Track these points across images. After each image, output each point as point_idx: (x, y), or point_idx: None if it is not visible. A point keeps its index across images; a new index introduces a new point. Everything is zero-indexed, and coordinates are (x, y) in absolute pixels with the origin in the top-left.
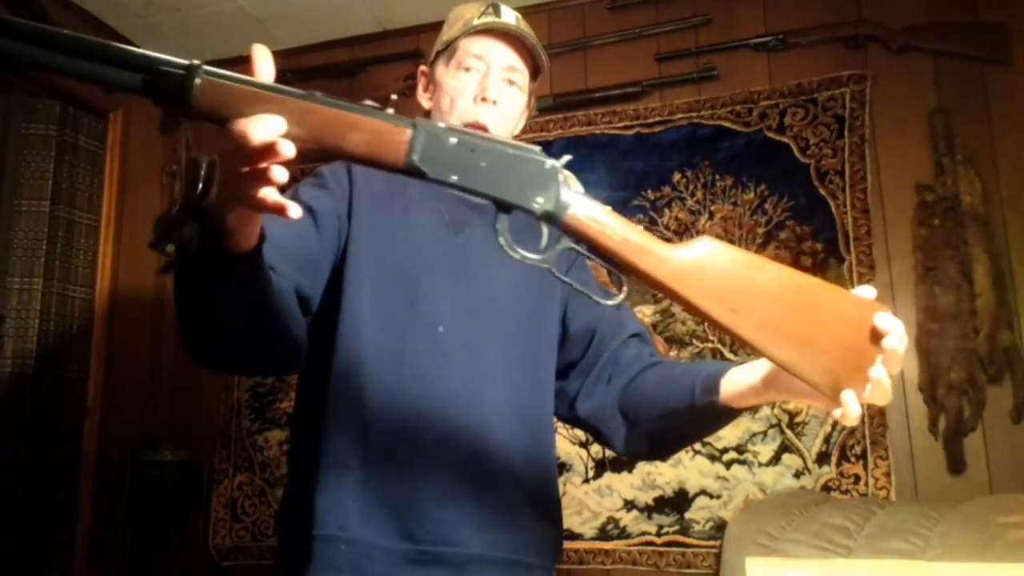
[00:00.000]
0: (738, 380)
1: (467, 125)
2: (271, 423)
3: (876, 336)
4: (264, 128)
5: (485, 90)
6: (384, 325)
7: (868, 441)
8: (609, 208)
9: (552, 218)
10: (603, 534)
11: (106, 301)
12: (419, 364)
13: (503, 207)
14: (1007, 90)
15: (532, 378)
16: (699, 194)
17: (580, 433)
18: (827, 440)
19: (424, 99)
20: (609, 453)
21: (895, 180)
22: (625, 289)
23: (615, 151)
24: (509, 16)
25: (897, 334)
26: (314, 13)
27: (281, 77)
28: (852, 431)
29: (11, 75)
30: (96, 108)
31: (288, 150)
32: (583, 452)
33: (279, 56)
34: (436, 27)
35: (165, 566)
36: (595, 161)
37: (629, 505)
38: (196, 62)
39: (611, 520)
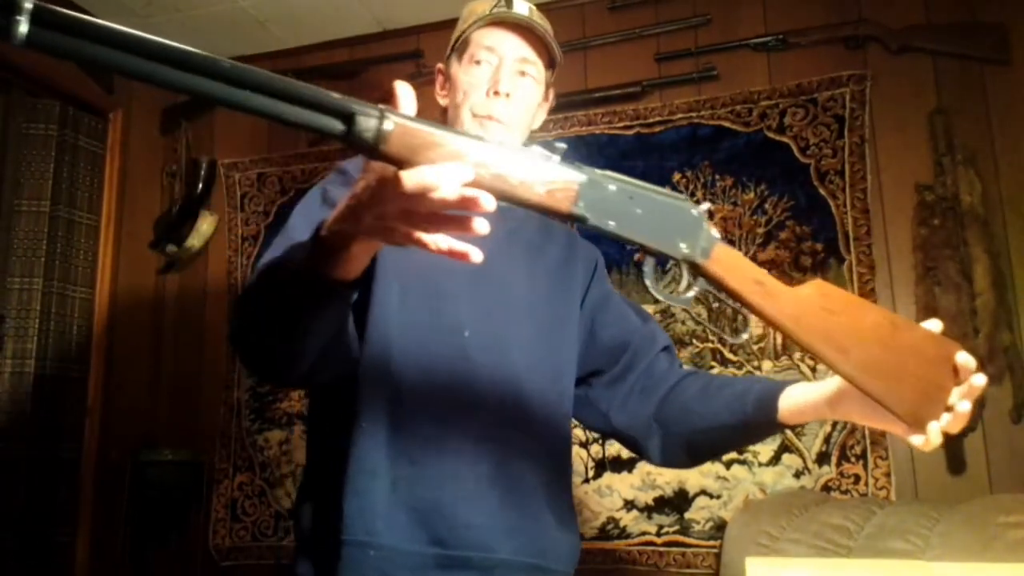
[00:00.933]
0: (796, 398)
1: (480, 118)
2: (271, 423)
3: (956, 372)
4: (456, 178)
5: (497, 83)
6: (410, 330)
7: (868, 441)
8: (740, 253)
9: (694, 262)
10: (603, 534)
11: (106, 301)
12: (445, 370)
13: (652, 252)
14: (1007, 90)
15: (553, 383)
16: (699, 194)
17: (580, 433)
18: (827, 440)
19: (441, 96)
20: (609, 453)
21: (895, 180)
22: (749, 329)
23: (615, 151)
24: (522, 7)
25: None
26: (314, 13)
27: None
28: (852, 431)
29: (10, 74)
30: (96, 108)
31: (489, 204)
32: (583, 452)
33: (279, 56)
34: (436, 27)
35: (165, 566)
36: (595, 161)
37: (629, 505)
38: (383, 106)
39: (611, 520)
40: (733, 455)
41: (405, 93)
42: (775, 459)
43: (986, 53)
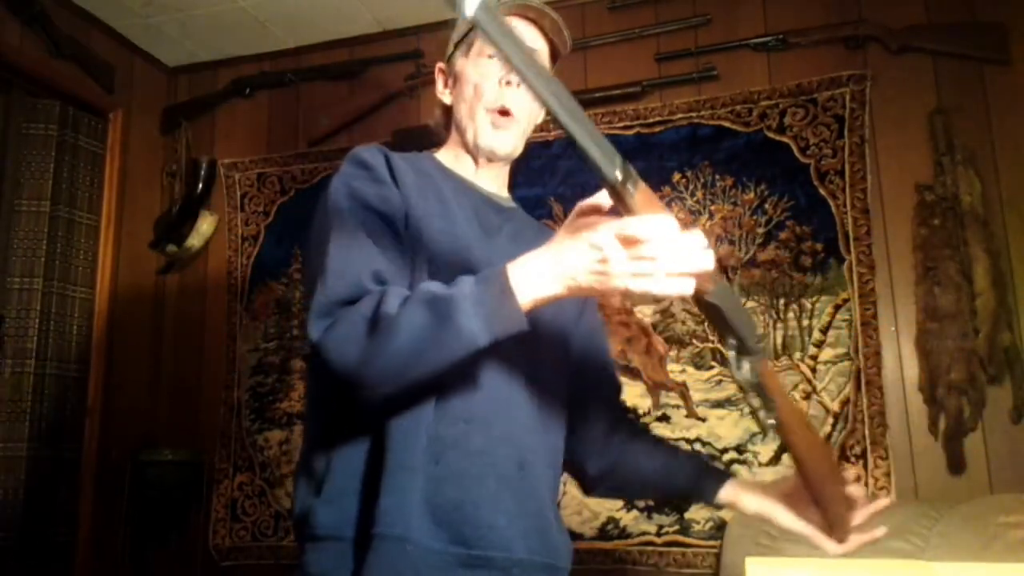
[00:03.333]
0: (733, 495)
1: (492, 112)
2: (271, 423)
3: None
4: (692, 242)
5: (509, 73)
6: None
7: (868, 441)
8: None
9: (753, 360)
10: (603, 534)
11: (106, 301)
12: (472, 371)
13: (742, 345)
14: (1007, 90)
15: (557, 379)
16: (699, 194)
17: None
18: (827, 440)
19: (445, 95)
20: None
21: (895, 180)
22: (772, 424)
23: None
24: None
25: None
26: (314, 13)
27: (281, 78)
28: (852, 431)
29: (12, 75)
30: (96, 108)
31: (709, 263)
32: None
33: (279, 56)
34: (436, 27)
35: (165, 566)
36: None
37: (629, 505)
38: (623, 160)
39: (611, 520)
40: (733, 455)
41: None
42: (775, 459)
43: (986, 53)
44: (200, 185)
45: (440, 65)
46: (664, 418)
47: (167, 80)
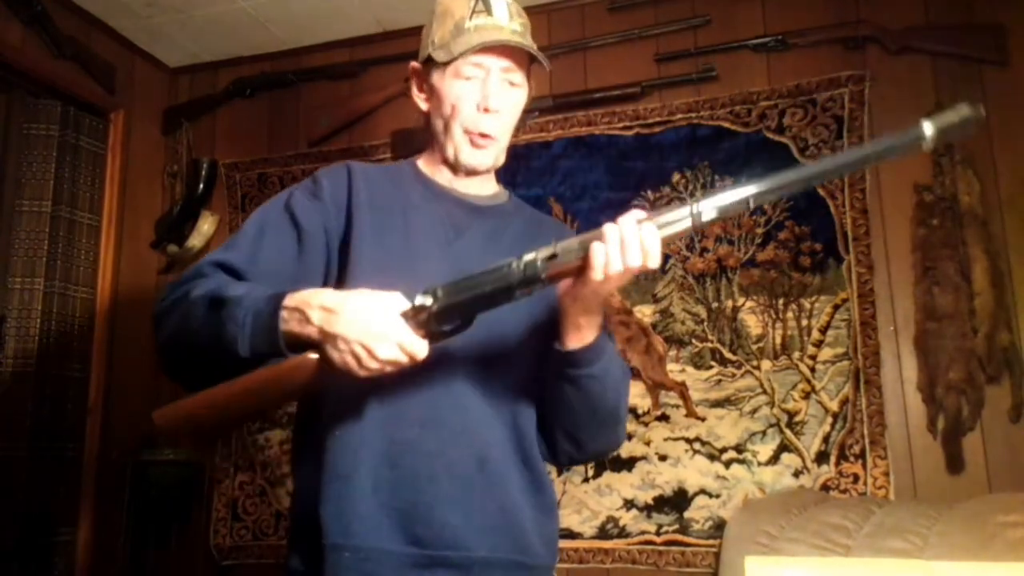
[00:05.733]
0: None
1: (471, 135)
2: (271, 423)
3: None
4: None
5: (487, 99)
6: None
7: (867, 440)
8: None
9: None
10: (603, 533)
11: (107, 301)
12: (423, 372)
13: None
14: (1006, 90)
15: (520, 374)
16: (699, 194)
17: None
18: (826, 439)
19: (420, 99)
20: None
21: (894, 180)
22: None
23: (615, 151)
24: (501, 11)
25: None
26: (315, 14)
27: (282, 79)
28: (851, 430)
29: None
30: (97, 108)
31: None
32: None
33: (279, 57)
34: None
35: (166, 565)
36: (595, 162)
37: (628, 504)
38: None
39: (611, 519)
40: (732, 454)
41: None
42: (774, 458)
43: (985, 54)
44: (201, 185)
45: (414, 65)
46: (663, 418)
47: (168, 81)
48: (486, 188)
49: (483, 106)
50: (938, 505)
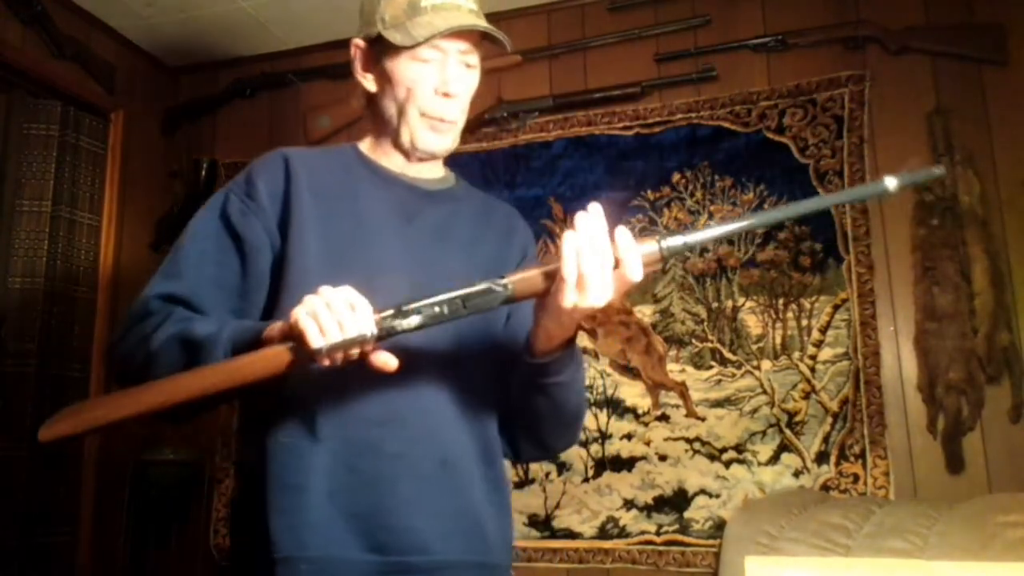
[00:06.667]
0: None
1: (430, 119)
2: None
3: None
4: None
5: (446, 84)
6: None
7: (867, 440)
8: None
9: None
10: (603, 533)
11: (107, 301)
12: (380, 373)
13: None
14: (1005, 90)
15: (483, 373)
16: (698, 194)
17: (580, 432)
18: (826, 439)
19: (367, 79)
20: (609, 452)
21: None
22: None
23: (615, 151)
24: None
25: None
26: (315, 14)
27: (282, 79)
28: (851, 430)
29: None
30: (97, 108)
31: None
32: (583, 452)
33: (279, 57)
34: None
35: (166, 565)
36: (595, 161)
37: (629, 504)
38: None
39: (611, 519)
40: (732, 454)
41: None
42: (774, 458)
43: (985, 54)
44: (201, 185)
45: (358, 42)
46: (664, 417)
47: (168, 81)
48: (436, 172)
49: (443, 91)
50: (938, 505)
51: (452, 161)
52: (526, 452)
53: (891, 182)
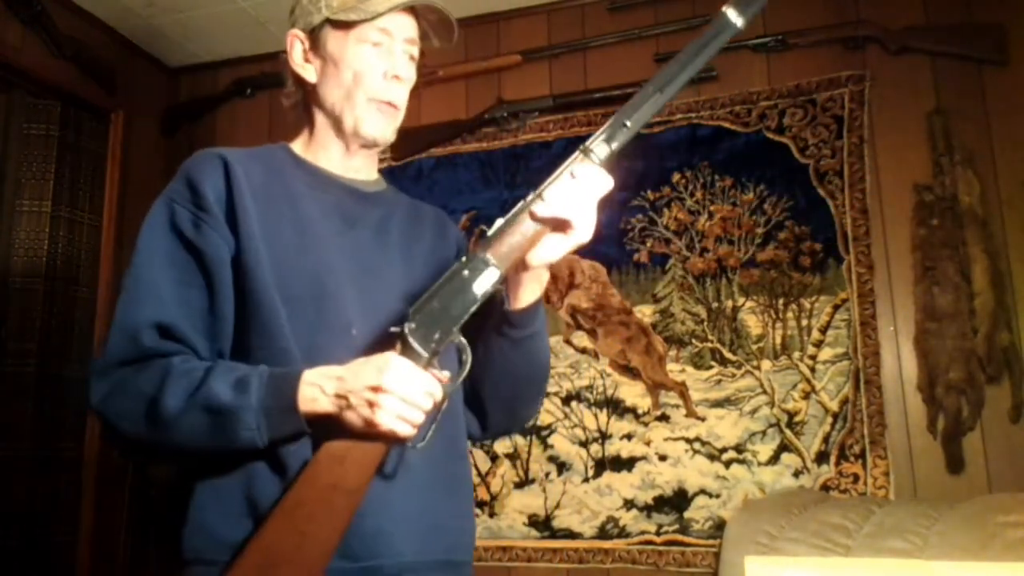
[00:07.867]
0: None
1: (378, 103)
2: None
3: None
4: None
5: (396, 67)
6: (299, 335)
7: (867, 440)
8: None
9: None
10: (603, 533)
11: (108, 301)
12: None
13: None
14: (1005, 90)
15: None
16: (698, 194)
17: (580, 432)
18: (826, 439)
19: (306, 69)
20: (609, 453)
21: (894, 180)
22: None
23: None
24: None
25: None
26: None
27: (282, 78)
28: (851, 430)
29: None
30: (97, 109)
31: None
32: (583, 452)
33: (280, 57)
34: None
35: (165, 565)
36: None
37: (628, 504)
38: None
39: (611, 519)
40: (732, 454)
41: None
42: (774, 458)
43: (985, 54)
44: None
45: (296, 33)
46: (664, 417)
47: (168, 81)
48: (371, 174)
49: (392, 73)
50: (938, 505)
51: (452, 161)
52: (495, 423)
53: (733, 15)
